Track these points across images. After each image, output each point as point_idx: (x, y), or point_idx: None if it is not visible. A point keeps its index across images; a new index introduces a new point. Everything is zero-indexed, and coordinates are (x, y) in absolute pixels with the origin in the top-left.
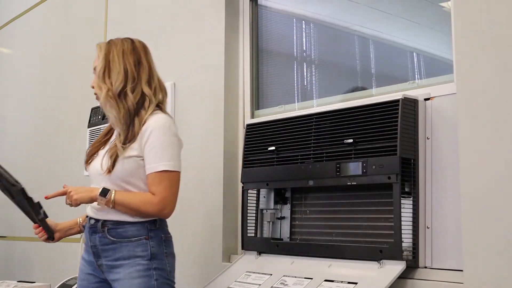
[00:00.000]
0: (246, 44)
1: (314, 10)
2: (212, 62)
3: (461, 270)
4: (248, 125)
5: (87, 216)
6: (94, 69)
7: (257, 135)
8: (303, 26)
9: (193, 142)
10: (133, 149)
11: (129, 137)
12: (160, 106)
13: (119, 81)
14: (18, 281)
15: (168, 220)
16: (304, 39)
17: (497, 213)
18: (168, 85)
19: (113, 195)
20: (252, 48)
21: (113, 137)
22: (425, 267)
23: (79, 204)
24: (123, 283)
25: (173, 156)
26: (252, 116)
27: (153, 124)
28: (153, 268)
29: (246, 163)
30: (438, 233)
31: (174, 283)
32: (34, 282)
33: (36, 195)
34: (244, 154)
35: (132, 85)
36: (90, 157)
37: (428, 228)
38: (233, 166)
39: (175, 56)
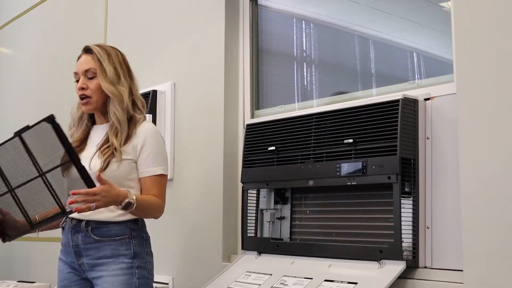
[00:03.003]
0: (246, 44)
1: (314, 10)
2: (212, 62)
3: (461, 270)
4: (248, 125)
5: (66, 217)
6: (86, 71)
7: (257, 135)
8: (303, 26)
9: (193, 142)
10: (127, 153)
11: (125, 139)
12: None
13: (125, 86)
14: (18, 281)
15: (168, 220)
16: (304, 39)
17: (497, 213)
18: (168, 85)
19: (134, 206)
20: (252, 48)
21: (92, 143)
22: (425, 267)
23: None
24: (106, 280)
25: (166, 161)
26: (252, 116)
27: (148, 131)
28: (135, 266)
29: (246, 163)
30: (438, 233)
31: (153, 280)
32: (34, 282)
33: None
34: (244, 154)
35: (129, 91)
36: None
37: (428, 228)
38: (233, 166)
39: (175, 56)
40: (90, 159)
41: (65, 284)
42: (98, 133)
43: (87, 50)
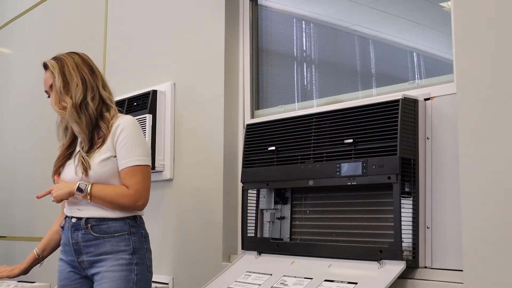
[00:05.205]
0: (246, 44)
1: (314, 10)
2: (212, 62)
3: (461, 270)
4: (248, 125)
5: (66, 217)
6: (50, 86)
7: (257, 135)
8: (303, 26)
9: (193, 142)
10: (108, 150)
11: (97, 142)
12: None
13: (79, 93)
14: (18, 281)
15: (168, 220)
16: (304, 39)
17: (497, 213)
18: (168, 85)
19: (89, 189)
20: (252, 48)
21: (77, 149)
22: (425, 267)
23: (61, 200)
24: (104, 275)
25: (144, 152)
26: (252, 116)
27: (123, 123)
28: (134, 263)
29: (246, 163)
30: (438, 233)
31: (152, 277)
32: (34, 282)
33: (35, 192)
34: (244, 154)
35: (92, 94)
36: (57, 170)
37: (428, 228)
38: (233, 166)
39: (175, 56)
40: (75, 168)
41: (66, 284)
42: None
43: (45, 66)
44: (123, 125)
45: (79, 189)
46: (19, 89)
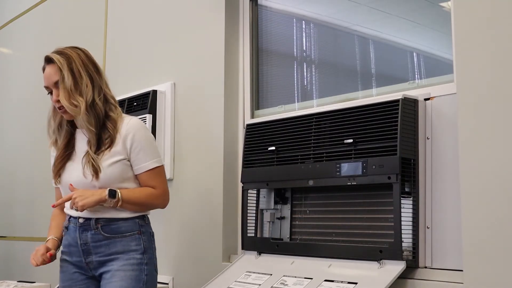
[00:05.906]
0: (246, 44)
1: (314, 10)
2: (212, 62)
3: (461, 270)
4: (248, 125)
5: (70, 217)
6: (55, 83)
7: (257, 135)
8: (303, 26)
9: (193, 142)
10: (118, 154)
11: (105, 143)
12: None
13: (90, 93)
14: (18, 281)
15: (168, 220)
16: (304, 39)
17: (497, 213)
18: (168, 85)
19: (120, 194)
20: (252, 48)
21: (78, 148)
22: (425, 267)
23: (85, 209)
24: (115, 274)
25: (158, 153)
26: (252, 116)
27: (133, 127)
28: (145, 262)
29: (246, 163)
30: (438, 233)
31: (157, 275)
32: (34, 282)
33: (35, 192)
34: (244, 154)
35: (99, 94)
36: (57, 172)
37: (428, 228)
38: (233, 166)
39: (175, 56)
40: (83, 170)
41: (70, 285)
42: (81, 138)
43: (49, 60)
44: (134, 130)
45: (111, 196)
46: (19, 89)
